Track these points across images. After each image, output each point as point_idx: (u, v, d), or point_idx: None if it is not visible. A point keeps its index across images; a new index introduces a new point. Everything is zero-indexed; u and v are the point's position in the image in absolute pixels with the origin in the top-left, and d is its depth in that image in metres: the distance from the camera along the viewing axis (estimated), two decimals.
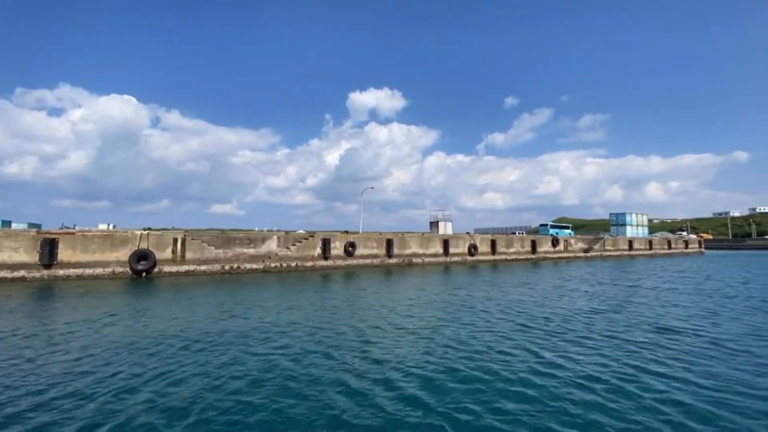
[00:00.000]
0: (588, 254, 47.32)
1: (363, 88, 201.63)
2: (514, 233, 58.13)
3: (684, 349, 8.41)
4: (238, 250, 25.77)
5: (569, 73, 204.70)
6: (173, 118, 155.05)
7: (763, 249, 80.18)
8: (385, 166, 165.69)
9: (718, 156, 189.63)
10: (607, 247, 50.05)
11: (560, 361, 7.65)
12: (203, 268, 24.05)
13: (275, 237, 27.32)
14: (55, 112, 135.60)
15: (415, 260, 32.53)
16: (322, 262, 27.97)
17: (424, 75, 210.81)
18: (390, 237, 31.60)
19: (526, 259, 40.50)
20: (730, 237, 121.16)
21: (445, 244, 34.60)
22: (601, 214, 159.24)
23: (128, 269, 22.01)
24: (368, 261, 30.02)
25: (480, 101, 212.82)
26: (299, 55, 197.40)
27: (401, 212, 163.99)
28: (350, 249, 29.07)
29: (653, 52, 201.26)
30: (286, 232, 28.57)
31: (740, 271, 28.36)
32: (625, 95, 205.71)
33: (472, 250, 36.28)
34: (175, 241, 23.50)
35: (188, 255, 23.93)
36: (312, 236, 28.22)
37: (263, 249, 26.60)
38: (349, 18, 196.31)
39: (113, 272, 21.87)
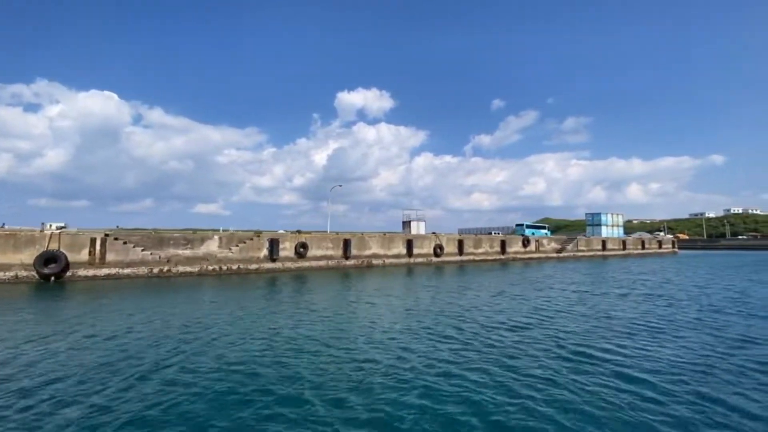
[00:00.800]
0: (561, 255, 46.33)
1: (351, 87, 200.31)
2: (490, 233, 57.10)
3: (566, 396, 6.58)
4: (172, 251, 23.40)
5: (555, 75, 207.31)
6: (156, 115, 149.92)
7: (735, 249, 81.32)
8: (374, 166, 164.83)
9: (696, 159, 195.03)
10: (580, 248, 49.22)
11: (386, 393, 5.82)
12: (127, 271, 21.60)
13: (217, 237, 25.03)
14: (32, 107, 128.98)
15: (375, 262, 30.64)
16: (269, 265, 25.79)
17: (413, 76, 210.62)
18: (347, 237, 29.63)
19: (495, 260, 39.11)
20: (705, 237, 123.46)
21: (409, 244, 32.83)
22: (584, 215, 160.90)
23: (34, 273, 19.45)
24: (322, 263, 27.97)
25: (467, 103, 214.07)
26: (287, 53, 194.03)
27: (390, 212, 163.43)
28: (301, 250, 26.97)
29: (634, 56, 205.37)
30: (231, 232, 26.31)
31: (703, 273, 27.44)
32: (608, 98, 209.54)
33: (438, 250, 34.63)
34: (93, 241, 20.99)
35: (109, 257, 21.45)
36: (258, 236, 26.02)
37: (202, 250, 24.28)
38: (338, 17, 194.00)
39: (16, 276, 19.27)
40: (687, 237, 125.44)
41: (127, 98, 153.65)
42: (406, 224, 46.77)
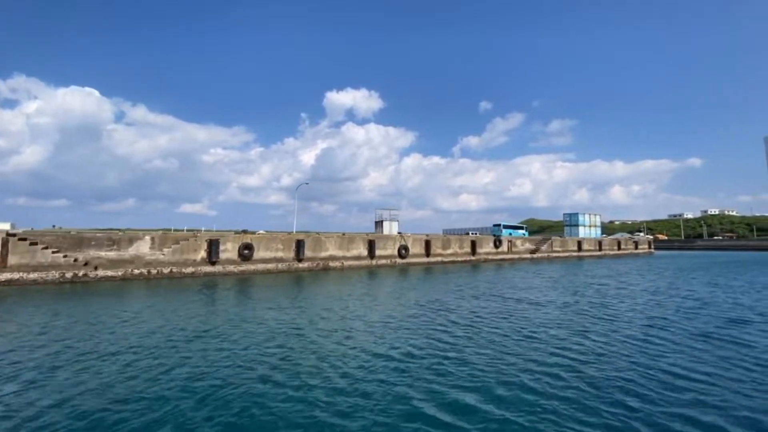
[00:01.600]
0: (534, 256, 45.06)
1: (340, 87, 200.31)
2: (467, 233, 55.63)
3: None
4: (92, 253, 20.86)
5: (541, 78, 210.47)
6: (140, 112, 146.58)
7: (711, 249, 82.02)
8: (363, 166, 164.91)
9: (675, 162, 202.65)
10: (555, 249, 48.10)
11: None
12: (33, 276, 19.00)
13: (148, 238, 22.56)
14: (8, 103, 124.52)
15: (332, 264, 28.54)
16: (208, 268, 23.44)
17: (402, 77, 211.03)
18: (301, 237, 27.46)
19: (465, 261, 37.48)
20: (683, 238, 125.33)
21: (370, 245, 30.85)
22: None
23: None
24: (271, 266, 25.72)
25: (456, 104, 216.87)
26: (275, 52, 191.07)
27: (379, 213, 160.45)
28: (246, 252, 24.69)
29: (617, 61, 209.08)
30: (164, 232, 23.86)
31: (669, 275, 26.29)
32: (592, 102, 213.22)
33: (403, 251, 32.74)
34: None
35: (12, 260, 18.83)
36: (195, 236, 23.65)
37: (130, 252, 21.80)
38: (327, 16, 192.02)
39: None
40: (666, 237, 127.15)
41: (109, 95, 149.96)
42: (379, 224, 44.92)
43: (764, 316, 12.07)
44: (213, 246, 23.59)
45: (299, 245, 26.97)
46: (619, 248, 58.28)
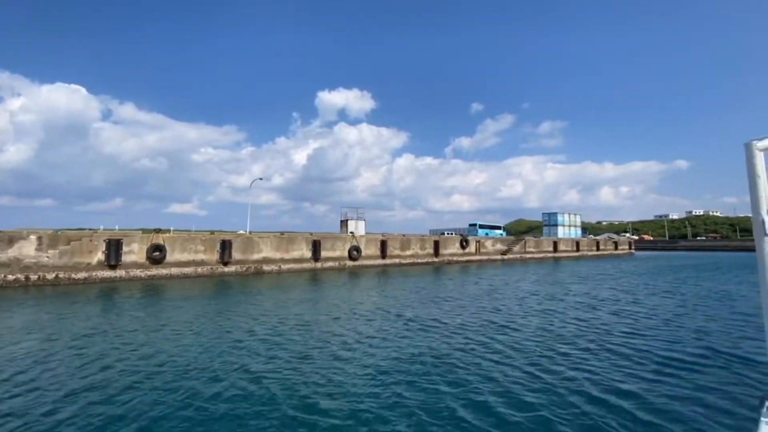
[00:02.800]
0: (506, 257, 42.45)
1: (332, 87, 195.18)
2: (443, 233, 52.92)
3: None
4: None
5: (531, 80, 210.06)
6: (127, 110, 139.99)
7: (693, 250, 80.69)
8: (355, 166, 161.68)
9: (663, 163, 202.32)
10: (528, 249, 45.57)
11: None
12: None
13: (34, 237, 19.19)
14: None
15: (267, 267, 25.39)
16: (106, 273, 20.13)
17: (394, 77, 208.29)
18: (228, 238, 24.30)
19: (427, 263, 34.65)
20: (667, 238, 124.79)
21: (315, 246, 27.78)
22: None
23: None
24: (188, 270, 22.51)
25: (448, 105, 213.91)
26: (267, 50, 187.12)
27: (371, 213, 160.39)
28: (156, 254, 21.44)
29: (607, 63, 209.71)
30: (56, 231, 20.49)
31: (630, 281, 23.75)
32: (582, 103, 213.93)
33: (354, 253, 29.75)
34: None
35: None
36: (91, 237, 20.34)
37: (9, 254, 18.44)
38: (319, 15, 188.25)
39: None
40: (651, 238, 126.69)
41: (96, 92, 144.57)
42: (343, 223, 41.97)
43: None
44: (112, 247, 20.29)
45: (224, 246, 23.78)
46: (598, 249, 56.12)
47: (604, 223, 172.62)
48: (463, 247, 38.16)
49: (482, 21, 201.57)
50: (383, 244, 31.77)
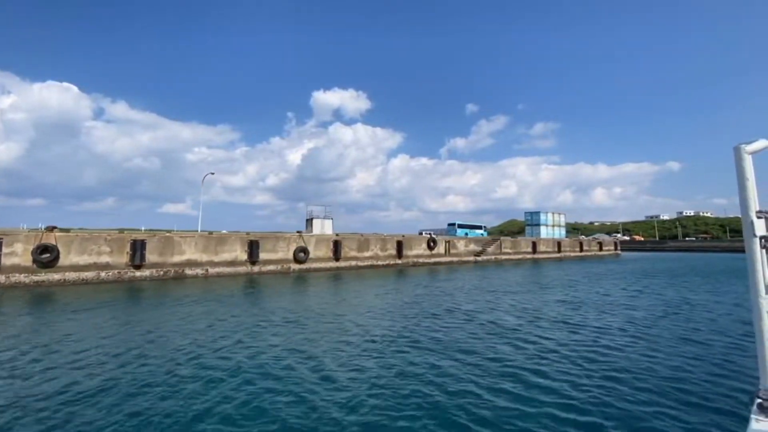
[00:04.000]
0: (479, 258, 39.58)
1: (327, 87, 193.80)
2: (420, 233, 49.99)
3: None
4: None
5: (525, 81, 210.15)
6: (120, 109, 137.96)
7: (681, 251, 78.59)
8: (350, 167, 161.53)
9: (655, 165, 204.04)
10: (504, 250, 42.76)
11: None
12: None
13: None
14: None
15: (190, 271, 22.26)
16: None
17: (390, 78, 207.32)
18: (142, 237, 21.14)
19: (388, 266, 31.68)
20: (657, 239, 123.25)
21: (251, 247, 24.68)
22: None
23: None
24: (89, 274, 19.31)
25: (443, 106, 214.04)
26: (261, 49, 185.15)
27: (367, 214, 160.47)
28: (45, 256, 18.23)
29: (599, 65, 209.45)
30: None
31: (594, 288, 20.99)
32: (575, 105, 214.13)
33: (301, 255, 26.69)
34: None
35: None
36: None
37: None
38: (315, 15, 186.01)
39: None
40: (642, 238, 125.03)
41: (88, 90, 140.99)
42: (309, 222, 38.94)
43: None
44: None
45: (137, 247, 20.62)
46: (581, 250, 53.50)
47: (596, 223, 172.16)
48: (430, 247, 35.23)
49: (478, 22, 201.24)
50: (336, 245, 28.73)
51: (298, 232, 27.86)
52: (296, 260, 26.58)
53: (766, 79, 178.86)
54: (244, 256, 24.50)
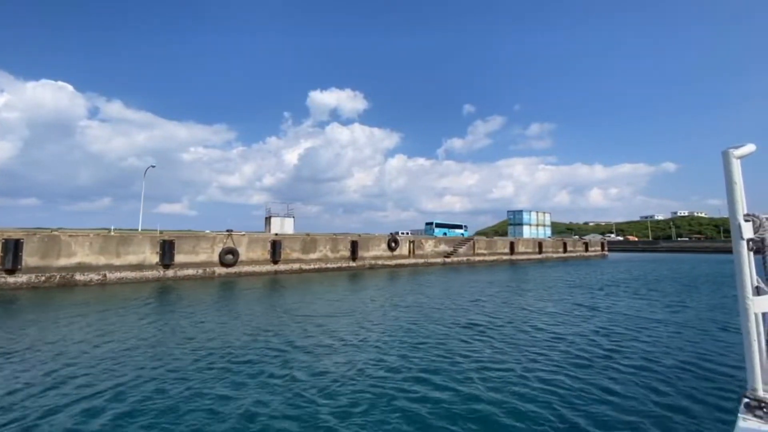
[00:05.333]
0: (449, 260, 36.25)
1: (324, 87, 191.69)
2: (397, 233, 46.65)
3: None
4: None
5: (522, 81, 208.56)
6: (115, 108, 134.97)
7: (673, 251, 75.68)
8: (347, 167, 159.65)
9: (651, 166, 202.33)
10: (478, 251, 39.43)
11: None
12: None
13: None
14: None
15: (82, 277, 18.74)
16: None
17: (387, 78, 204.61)
18: (18, 236, 17.62)
19: (341, 269, 28.28)
20: (650, 239, 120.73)
21: (164, 248, 21.19)
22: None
23: None
24: None
25: (440, 107, 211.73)
26: (258, 49, 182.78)
27: (364, 214, 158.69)
28: None
29: (596, 65, 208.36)
30: None
31: (547, 296, 17.73)
32: (571, 106, 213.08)
33: (228, 257, 23.24)
34: None
35: None
36: None
37: None
38: (312, 15, 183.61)
39: None
40: (636, 239, 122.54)
41: (83, 89, 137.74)
42: (267, 220, 35.55)
43: None
44: None
45: (8, 248, 17.08)
46: (565, 250, 50.25)
47: (591, 224, 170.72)
48: (391, 248, 31.84)
49: (475, 22, 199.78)
50: (275, 246, 25.27)
51: (227, 231, 24.38)
52: (222, 263, 23.12)
53: (762, 79, 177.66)
54: (155, 259, 21.00)
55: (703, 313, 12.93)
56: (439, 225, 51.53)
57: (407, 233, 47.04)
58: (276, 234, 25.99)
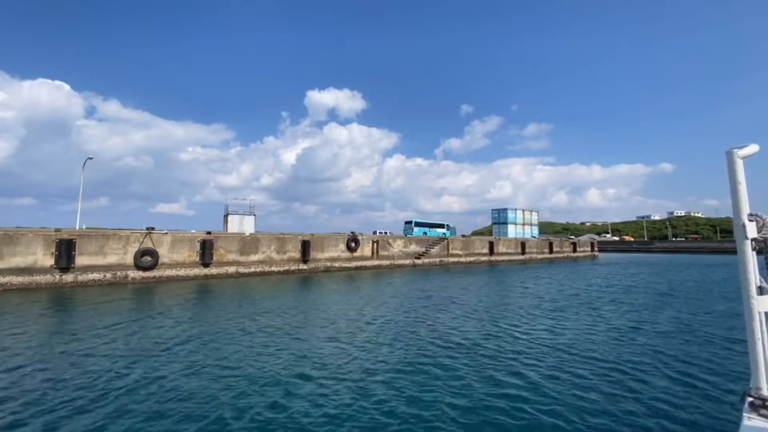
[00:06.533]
0: (420, 261, 33.19)
1: (322, 87, 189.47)
2: (374, 233, 43.53)
3: None
4: None
5: (520, 82, 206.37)
6: (112, 108, 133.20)
7: (668, 252, 72.82)
8: (345, 167, 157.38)
9: (648, 166, 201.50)
10: (453, 251, 36.38)
11: None
12: None
13: None
14: None
15: None
16: None
17: (386, 78, 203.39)
18: None
19: (290, 272, 25.21)
20: (646, 239, 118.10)
21: (62, 248, 18.03)
22: (548, 217, 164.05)
23: None
24: None
25: (439, 107, 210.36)
26: (256, 48, 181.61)
27: (362, 214, 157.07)
28: None
29: (593, 66, 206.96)
30: None
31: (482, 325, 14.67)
32: (569, 106, 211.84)
33: (146, 259, 20.13)
34: None
35: None
36: None
37: None
38: (310, 15, 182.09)
39: None
40: (631, 239, 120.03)
41: (80, 89, 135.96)
42: (225, 218, 32.43)
43: None
44: None
45: None
46: (551, 251, 47.23)
47: (587, 224, 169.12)
48: (350, 248, 28.75)
49: (472, 23, 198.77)
50: (205, 246, 22.17)
51: (147, 228, 21.25)
52: (138, 266, 20.01)
53: (760, 80, 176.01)
54: (50, 261, 17.88)
55: (653, 341, 9.89)
56: (418, 224, 48.31)
57: (386, 233, 43.94)
58: (209, 233, 22.87)
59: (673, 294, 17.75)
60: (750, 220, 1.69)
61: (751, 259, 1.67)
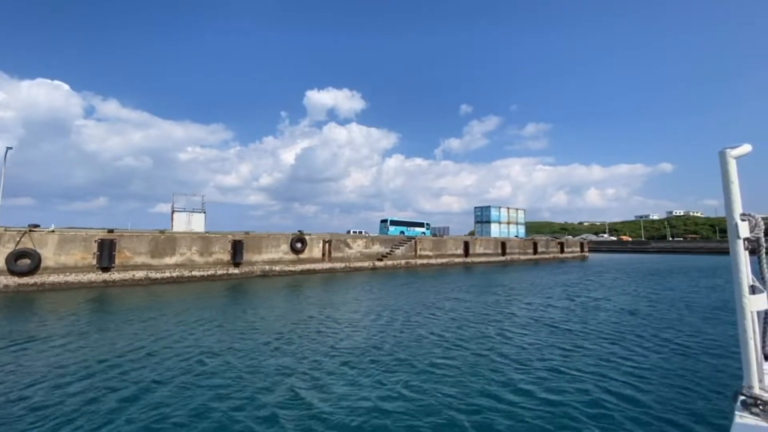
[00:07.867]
0: (380, 264, 29.69)
1: (321, 86, 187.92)
2: (349, 231, 40.06)
3: None
4: None
5: (519, 82, 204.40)
6: (111, 108, 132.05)
7: (665, 252, 69.34)
8: (344, 167, 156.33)
9: (648, 166, 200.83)
10: (422, 252, 32.89)
11: None
12: None
13: None
14: None
15: None
16: None
17: (385, 78, 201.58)
18: None
19: (214, 277, 21.73)
20: (644, 239, 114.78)
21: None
22: (547, 217, 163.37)
23: None
24: None
25: (438, 107, 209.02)
26: (255, 48, 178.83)
27: (361, 214, 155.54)
28: None
29: (593, 66, 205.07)
30: None
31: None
32: (568, 106, 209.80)
33: (24, 262, 16.69)
34: None
35: None
36: None
37: None
38: (309, 14, 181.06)
39: None
40: (629, 238, 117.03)
41: (79, 89, 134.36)
42: (173, 216, 28.96)
43: None
44: None
45: None
46: (536, 252, 43.70)
47: (585, 223, 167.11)
48: (295, 250, 25.25)
49: (472, 23, 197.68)
50: (104, 247, 18.67)
51: (29, 226, 17.76)
52: (13, 271, 16.55)
53: (758, 80, 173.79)
54: None
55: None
56: (394, 222, 44.67)
57: (364, 233, 40.33)
58: (111, 230, 19.37)
59: (614, 336, 14.18)
60: (743, 220, 1.71)
61: (744, 259, 1.71)
